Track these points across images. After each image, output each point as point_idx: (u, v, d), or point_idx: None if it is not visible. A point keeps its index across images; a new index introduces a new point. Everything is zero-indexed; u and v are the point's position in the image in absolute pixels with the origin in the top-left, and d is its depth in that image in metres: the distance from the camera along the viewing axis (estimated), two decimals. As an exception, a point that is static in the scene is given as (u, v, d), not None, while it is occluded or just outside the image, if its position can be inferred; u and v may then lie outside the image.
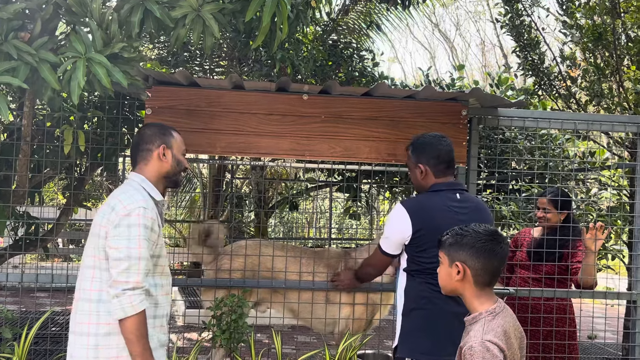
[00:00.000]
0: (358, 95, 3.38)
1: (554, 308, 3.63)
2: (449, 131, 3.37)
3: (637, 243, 3.39)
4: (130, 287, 2.11)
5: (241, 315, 2.90)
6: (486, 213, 2.72)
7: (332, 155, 3.38)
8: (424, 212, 2.64)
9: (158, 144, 2.35)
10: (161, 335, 2.31)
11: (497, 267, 2.01)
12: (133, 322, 2.11)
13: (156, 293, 2.28)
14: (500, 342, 1.87)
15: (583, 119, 3.46)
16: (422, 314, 2.60)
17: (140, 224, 2.16)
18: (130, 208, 2.17)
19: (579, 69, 5.61)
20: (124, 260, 2.12)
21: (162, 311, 2.32)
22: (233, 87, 3.30)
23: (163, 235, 2.37)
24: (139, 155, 2.36)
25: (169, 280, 2.40)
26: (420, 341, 2.58)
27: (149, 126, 2.45)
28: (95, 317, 2.19)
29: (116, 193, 2.29)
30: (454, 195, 2.67)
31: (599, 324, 6.49)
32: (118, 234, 2.15)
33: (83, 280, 2.25)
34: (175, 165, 2.38)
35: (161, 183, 2.38)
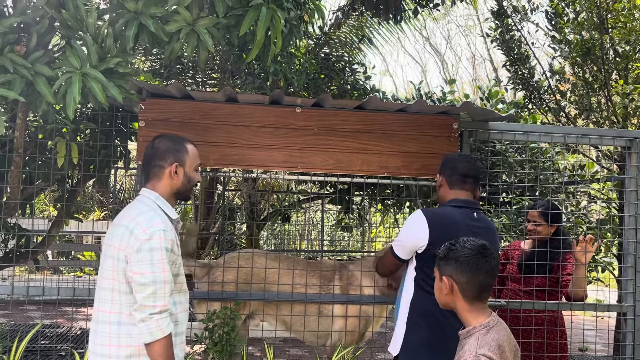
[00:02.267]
0: (350, 109, 3.41)
1: (545, 320, 3.65)
2: (440, 144, 3.42)
3: (626, 256, 3.42)
4: (158, 310, 2.13)
5: (233, 327, 2.89)
6: (495, 235, 2.78)
7: (325, 168, 3.40)
8: (443, 224, 2.66)
9: (171, 161, 2.32)
10: (180, 352, 2.32)
11: (483, 281, 2.02)
12: (162, 345, 2.12)
13: (176, 311, 2.29)
14: (495, 355, 1.89)
15: (572, 133, 3.51)
16: (427, 329, 2.61)
17: (162, 247, 2.16)
18: (150, 232, 2.16)
19: (568, 83, 5.69)
20: (149, 285, 2.12)
21: (181, 328, 2.33)
22: (226, 99, 3.32)
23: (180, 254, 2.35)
24: (151, 171, 2.34)
25: (187, 296, 2.40)
26: (424, 357, 2.58)
27: (163, 139, 2.39)
28: (115, 340, 2.19)
29: (132, 214, 2.25)
30: (472, 213, 2.73)
31: (589, 336, 6.52)
32: (141, 259, 2.14)
33: (101, 302, 2.25)
34: (186, 182, 2.36)
35: (173, 198, 2.37)
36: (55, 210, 4.34)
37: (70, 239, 10.77)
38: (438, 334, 2.56)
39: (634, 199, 3.40)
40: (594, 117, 5.41)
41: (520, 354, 2.12)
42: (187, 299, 2.38)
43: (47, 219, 7.63)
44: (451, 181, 2.80)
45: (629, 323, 3.38)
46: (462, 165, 2.80)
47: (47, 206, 11.06)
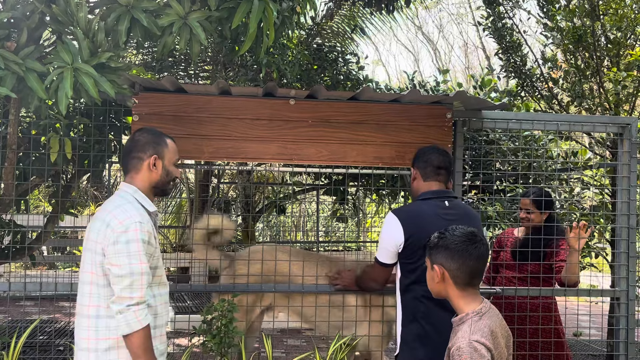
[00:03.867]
0: (344, 100, 3.41)
1: (540, 307, 3.69)
2: (434, 134, 3.43)
3: (619, 241, 3.46)
4: (135, 302, 2.14)
5: (231, 320, 2.91)
6: (475, 219, 2.78)
7: (320, 159, 3.41)
8: (414, 219, 2.69)
9: (150, 153, 2.34)
10: (160, 345, 2.33)
11: (473, 267, 2.05)
12: (139, 337, 2.13)
13: (155, 303, 2.30)
14: (488, 341, 1.92)
15: (565, 120, 3.53)
16: (420, 328, 2.65)
17: (138, 239, 2.17)
18: (126, 224, 2.17)
19: (560, 70, 5.70)
20: (126, 276, 2.14)
21: (161, 321, 2.34)
22: (220, 92, 3.31)
23: (159, 245, 2.37)
24: (129, 163, 2.35)
25: (167, 289, 2.41)
26: (419, 352, 2.62)
27: (143, 132, 2.41)
28: (94, 333, 2.21)
29: (109, 207, 2.27)
30: (442, 202, 2.74)
31: (583, 321, 6.59)
32: (117, 251, 2.15)
33: (81, 295, 2.27)
34: (164, 176, 2.37)
35: (151, 192, 2.38)
36: (50, 206, 4.33)
37: (65, 234, 10.76)
38: (429, 327, 2.61)
39: (626, 185, 3.43)
40: (586, 104, 5.43)
41: (512, 339, 2.15)
42: (167, 292, 2.39)
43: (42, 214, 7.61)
44: (425, 173, 2.82)
45: (622, 307, 3.42)
46: (435, 157, 2.82)
47: (41, 202, 11.03)
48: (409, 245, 2.65)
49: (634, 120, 3.45)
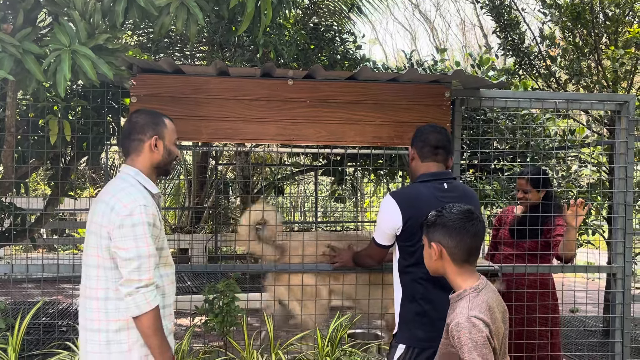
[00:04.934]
0: (342, 79, 3.40)
1: (537, 283, 3.74)
2: (432, 113, 3.43)
3: (616, 218, 3.49)
4: (144, 284, 2.16)
5: (233, 299, 2.94)
6: (473, 200, 2.77)
7: (318, 140, 3.41)
8: (412, 202, 2.68)
9: (150, 134, 2.34)
10: (169, 323, 2.36)
11: (471, 244, 2.08)
12: (149, 318, 2.17)
13: (162, 284, 2.32)
14: (485, 317, 1.95)
15: (563, 98, 3.53)
16: (418, 308, 2.67)
17: (143, 222, 2.18)
18: (131, 207, 2.18)
19: (558, 48, 5.68)
20: (134, 259, 2.16)
21: (169, 300, 2.37)
22: (218, 73, 3.30)
23: (164, 226, 2.39)
24: (130, 145, 2.35)
25: (173, 269, 2.44)
26: (417, 331, 2.65)
27: (140, 113, 2.41)
28: (104, 315, 2.23)
29: (112, 190, 2.27)
30: (441, 185, 2.72)
31: (580, 297, 6.67)
32: (123, 235, 2.16)
33: (88, 278, 2.29)
34: (166, 155, 2.38)
35: (153, 173, 2.39)
36: (50, 188, 4.33)
37: (64, 216, 10.78)
38: (427, 307, 2.63)
39: (624, 162, 3.45)
40: (584, 82, 5.43)
41: (508, 315, 2.18)
42: (173, 272, 2.42)
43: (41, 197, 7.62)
44: (422, 153, 2.78)
45: (618, 283, 3.46)
46: (433, 136, 2.77)
47: (39, 185, 11.02)
48: (407, 228, 2.66)
49: (631, 98, 3.45)
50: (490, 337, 1.93)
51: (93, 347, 2.24)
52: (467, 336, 1.91)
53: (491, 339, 1.94)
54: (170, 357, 2.22)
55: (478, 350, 1.89)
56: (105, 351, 2.22)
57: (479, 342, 1.90)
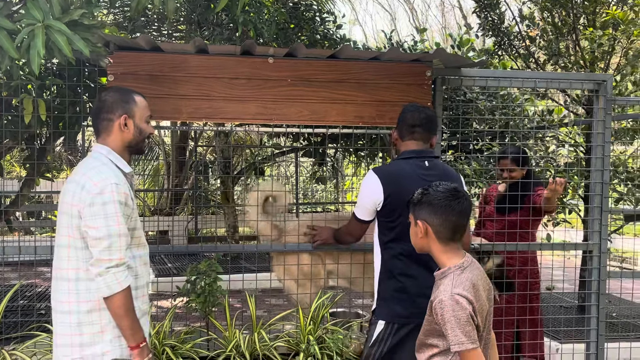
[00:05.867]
0: (324, 58, 3.37)
1: (521, 259, 3.84)
2: (413, 92, 3.43)
3: (593, 196, 3.55)
4: (114, 264, 2.12)
5: (215, 279, 2.93)
6: (454, 178, 2.79)
7: (300, 119, 3.39)
8: (393, 178, 2.71)
9: (119, 113, 2.28)
10: (143, 304, 2.33)
11: (456, 222, 2.09)
12: (120, 298, 2.13)
13: (135, 265, 2.29)
14: (469, 294, 1.97)
15: (543, 78, 3.55)
16: (397, 285, 2.69)
17: (114, 200, 2.14)
18: (102, 185, 2.14)
19: (537, 28, 5.70)
20: (104, 238, 2.11)
21: (142, 281, 2.34)
22: (197, 51, 3.25)
23: (136, 206, 2.35)
24: (100, 124, 2.30)
25: (146, 250, 2.41)
26: (396, 307, 2.68)
27: (110, 91, 2.35)
28: (75, 296, 2.19)
29: (83, 169, 2.23)
30: (422, 163, 2.74)
31: (556, 275, 6.81)
32: (94, 213, 2.12)
33: (59, 259, 2.24)
34: (137, 134, 2.33)
35: (126, 152, 2.34)
36: (25, 170, 4.24)
37: (41, 199, 10.60)
38: (407, 283, 2.66)
39: (601, 141, 3.50)
40: (562, 62, 5.47)
41: (493, 292, 2.21)
42: (146, 253, 2.39)
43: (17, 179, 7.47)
44: (401, 132, 2.82)
45: (594, 260, 3.53)
46: (410, 115, 2.80)
47: (14, 167, 10.80)
48: (388, 203, 2.68)
49: (609, 77, 3.49)
50: (473, 315, 1.95)
51: (64, 328, 2.20)
52: (450, 313, 1.93)
53: (474, 316, 1.96)
54: (142, 338, 2.19)
55: (461, 327, 1.91)
56: (77, 332, 2.18)
57: (462, 319, 1.92)
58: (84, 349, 2.19)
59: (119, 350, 2.22)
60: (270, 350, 3.04)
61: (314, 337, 3.01)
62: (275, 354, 3.03)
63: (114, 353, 2.21)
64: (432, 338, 2.09)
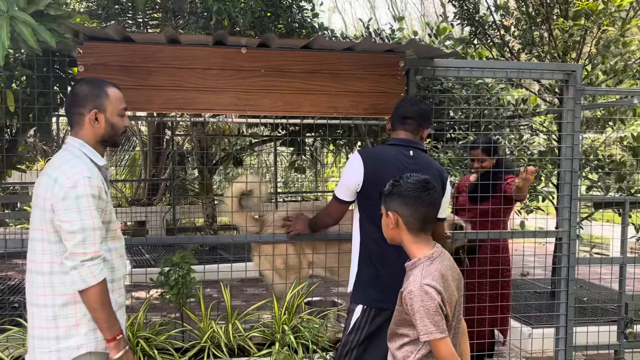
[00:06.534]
0: (297, 48, 3.36)
1: (492, 247, 3.91)
2: (387, 83, 3.44)
3: (563, 185, 3.61)
4: (89, 257, 2.12)
5: (189, 271, 2.93)
6: (435, 172, 2.85)
7: (274, 110, 3.38)
8: (375, 160, 2.78)
9: (90, 108, 2.26)
10: (119, 297, 2.33)
11: (426, 213, 2.13)
12: (95, 292, 2.13)
13: (111, 257, 2.29)
14: (438, 285, 2.00)
15: (514, 67, 3.59)
16: (373, 269, 2.74)
17: (87, 194, 2.13)
18: (75, 179, 2.12)
19: (512, 17, 5.75)
20: (78, 232, 2.10)
21: (118, 274, 2.34)
22: (169, 41, 3.21)
23: (111, 199, 2.34)
24: (72, 118, 2.28)
25: (122, 242, 2.40)
26: (372, 291, 2.72)
27: (82, 84, 2.31)
28: (50, 289, 2.19)
29: (57, 162, 2.21)
30: (407, 151, 2.82)
31: (530, 262, 6.94)
32: (67, 207, 2.11)
33: (33, 253, 2.23)
34: (109, 128, 2.30)
35: (99, 145, 2.32)
36: (-4, 162, 4.17)
37: (15, 190, 10.42)
38: (382, 270, 2.70)
39: (570, 130, 3.56)
40: (536, 52, 5.53)
41: (463, 281, 2.25)
42: (122, 245, 2.38)
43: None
44: (393, 123, 2.96)
45: (564, 247, 3.60)
46: (403, 107, 2.93)
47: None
48: (366, 184, 2.75)
49: (579, 67, 3.54)
50: (442, 305, 1.99)
51: (40, 322, 2.20)
52: (419, 303, 1.96)
53: (443, 306, 2.00)
54: (119, 330, 2.19)
55: (430, 317, 1.95)
56: (53, 326, 2.18)
57: (431, 309, 1.96)
58: (59, 342, 2.19)
59: (94, 343, 2.22)
60: (245, 340, 3.05)
61: (289, 327, 3.04)
62: (250, 344, 3.05)
63: (89, 346, 2.22)
64: (402, 328, 2.13)
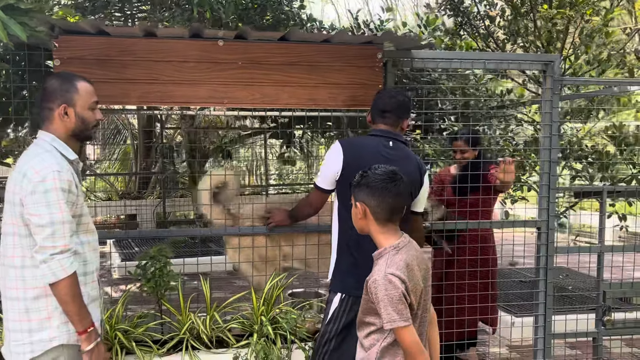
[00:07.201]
0: (275, 41, 3.36)
1: (479, 238, 3.94)
2: (365, 74, 3.45)
3: (542, 174, 3.63)
4: (58, 251, 2.14)
5: (165, 264, 2.95)
6: (414, 163, 2.88)
7: (252, 102, 3.38)
8: (356, 151, 2.83)
9: (59, 102, 2.27)
10: (92, 290, 2.35)
11: (393, 204, 2.15)
12: (66, 284, 2.15)
13: (83, 250, 2.31)
14: (402, 274, 2.03)
15: (492, 58, 3.59)
16: (352, 257, 2.78)
17: (56, 188, 2.14)
18: (44, 173, 2.14)
19: (496, 9, 5.75)
20: (47, 226, 2.12)
21: (91, 267, 2.36)
22: (145, 34, 3.21)
23: (82, 192, 2.35)
24: (42, 113, 2.29)
25: (95, 236, 2.42)
26: (351, 280, 2.75)
27: (52, 78, 2.33)
28: (21, 283, 2.21)
29: (27, 157, 2.23)
30: (387, 142, 2.87)
31: (519, 251, 6.97)
32: (36, 201, 2.12)
33: (5, 247, 2.26)
34: (79, 123, 2.31)
35: (71, 140, 2.33)
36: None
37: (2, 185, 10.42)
38: (361, 257, 2.72)
39: (549, 120, 3.57)
40: (521, 42, 5.54)
41: (431, 272, 2.27)
42: (95, 239, 2.40)
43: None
44: (373, 115, 3.00)
45: (542, 236, 3.63)
46: (381, 101, 2.97)
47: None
48: (345, 173, 2.78)
49: (556, 58, 3.55)
50: (406, 294, 2.01)
51: (14, 315, 2.23)
52: (383, 292, 1.99)
53: (407, 295, 2.02)
54: (90, 323, 2.22)
55: (393, 306, 1.98)
56: (25, 319, 2.21)
57: (395, 298, 1.98)
58: (32, 334, 2.22)
59: (66, 336, 2.25)
60: (224, 332, 3.08)
61: (267, 318, 3.06)
62: (229, 335, 3.07)
63: (61, 338, 2.25)
64: (369, 316, 2.16)
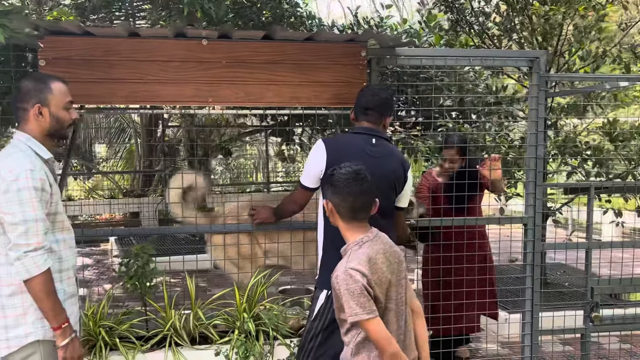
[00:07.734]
0: (259, 39, 3.39)
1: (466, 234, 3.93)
2: (349, 72, 3.46)
3: (528, 171, 3.62)
4: (32, 248, 2.18)
5: (148, 261, 2.99)
6: (396, 160, 2.90)
7: (237, 101, 3.41)
8: (339, 148, 2.84)
9: (33, 103, 2.31)
10: (68, 287, 2.40)
11: (354, 203, 2.18)
12: (39, 281, 2.19)
13: (59, 248, 2.35)
14: (363, 268, 2.05)
15: (477, 55, 3.59)
16: (338, 254, 2.76)
17: (29, 186, 2.18)
18: (17, 172, 2.18)
19: (491, 5, 5.73)
20: (20, 224, 2.17)
21: (67, 264, 2.40)
22: (129, 34, 3.25)
23: (58, 190, 2.38)
24: (17, 113, 2.34)
25: (71, 234, 2.46)
26: None
27: (26, 79, 2.37)
28: None
29: (1, 157, 2.27)
30: (370, 139, 2.89)
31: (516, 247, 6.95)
32: (9, 200, 2.17)
33: None
34: (54, 122, 2.35)
35: (47, 140, 2.37)
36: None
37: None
38: None
39: (535, 117, 3.56)
40: (516, 38, 5.51)
41: (404, 265, 2.28)
42: (71, 237, 2.44)
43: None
44: (356, 113, 3.02)
45: (529, 233, 3.62)
46: (364, 98, 2.98)
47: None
48: (328, 171, 2.77)
49: (542, 54, 3.53)
50: (368, 287, 2.03)
51: None
52: (344, 287, 2.02)
53: (370, 289, 2.04)
54: (64, 319, 2.25)
55: (355, 299, 2.00)
56: (1, 315, 2.26)
57: (356, 292, 2.01)
58: (8, 331, 2.27)
59: (42, 332, 2.29)
60: (207, 328, 3.11)
61: (249, 315, 3.09)
62: (213, 331, 3.11)
63: (37, 334, 2.29)
64: (342, 314, 2.18)
